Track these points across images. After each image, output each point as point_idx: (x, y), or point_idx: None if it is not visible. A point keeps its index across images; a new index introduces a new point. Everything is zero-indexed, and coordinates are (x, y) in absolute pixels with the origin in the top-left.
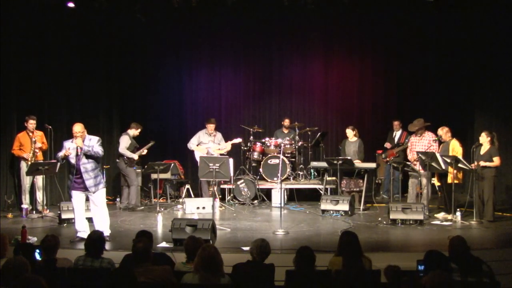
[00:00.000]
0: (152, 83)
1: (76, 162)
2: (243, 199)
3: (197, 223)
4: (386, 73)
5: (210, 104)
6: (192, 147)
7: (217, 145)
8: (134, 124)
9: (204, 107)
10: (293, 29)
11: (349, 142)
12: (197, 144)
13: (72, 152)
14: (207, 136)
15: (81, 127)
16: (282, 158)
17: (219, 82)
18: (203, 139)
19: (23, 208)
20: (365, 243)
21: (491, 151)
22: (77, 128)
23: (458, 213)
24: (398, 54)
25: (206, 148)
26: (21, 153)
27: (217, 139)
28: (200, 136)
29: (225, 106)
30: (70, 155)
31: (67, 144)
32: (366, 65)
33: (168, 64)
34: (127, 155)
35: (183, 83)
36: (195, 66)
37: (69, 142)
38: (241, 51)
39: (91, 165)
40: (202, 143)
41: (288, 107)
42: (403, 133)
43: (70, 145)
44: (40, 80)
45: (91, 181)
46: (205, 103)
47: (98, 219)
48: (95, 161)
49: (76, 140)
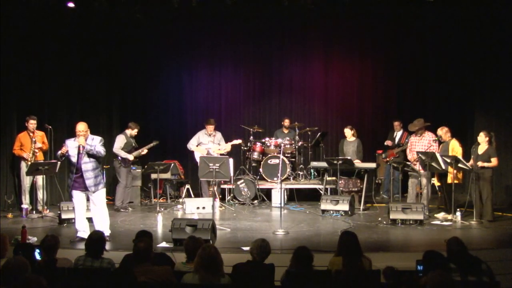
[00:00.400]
0: (152, 83)
1: (77, 161)
2: (243, 199)
3: (197, 223)
4: (386, 73)
5: (210, 104)
6: (191, 147)
7: (217, 145)
8: (131, 123)
9: (204, 107)
10: (293, 29)
11: (347, 141)
12: (196, 145)
13: (72, 151)
14: (207, 136)
15: (84, 126)
16: (282, 158)
17: (219, 82)
18: (203, 139)
19: (23, 208)
20: (365, 243)
21: (489, 152)
22: (80, 127)
23: (458, 213)
24: (398, 54)
25: (206, 148)
26: (21, 153)
27: (216, 139)
28: (199, 136)
29: (225, 106)
30: (67, 153)
31: (69, 143)
32: (366, 65)
33: (168, 64)
34: (121, 155)
35: (183, 83)
36: (195, 66)
37: (71, 141)
38: (241, 51)
39: (92, 164)
40: (201, 143)
41: (288, 107)
42: (404, 133)
43: (72, 144)
44: (40, 80)
45: (92, 181)
46: (205, 103)
47: (98, 219)
48: (96, 161)
49: (79, 139)
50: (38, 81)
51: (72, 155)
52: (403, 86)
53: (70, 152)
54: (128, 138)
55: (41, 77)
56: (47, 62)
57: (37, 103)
